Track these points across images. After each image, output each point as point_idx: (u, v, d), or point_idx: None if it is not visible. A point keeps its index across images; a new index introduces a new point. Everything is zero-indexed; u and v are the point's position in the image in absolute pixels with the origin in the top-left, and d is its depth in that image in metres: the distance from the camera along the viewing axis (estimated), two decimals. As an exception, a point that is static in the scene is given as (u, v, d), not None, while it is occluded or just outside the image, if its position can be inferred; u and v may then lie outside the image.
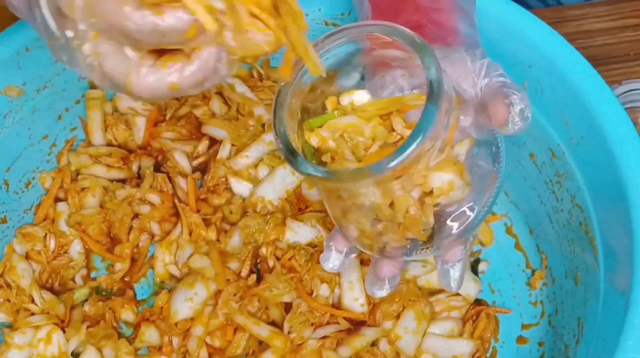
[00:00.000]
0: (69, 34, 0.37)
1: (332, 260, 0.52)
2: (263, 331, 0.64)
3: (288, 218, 0.68)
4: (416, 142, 0.39)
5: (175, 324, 0.66)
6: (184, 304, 0.65)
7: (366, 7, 0.56)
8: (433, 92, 0.40)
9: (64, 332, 0.66)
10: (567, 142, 0.61)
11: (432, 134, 0.40)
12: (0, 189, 0.70)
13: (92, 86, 0.74)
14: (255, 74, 0.78)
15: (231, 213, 0.71)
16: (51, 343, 0.64)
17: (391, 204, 0.44)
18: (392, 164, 0.39)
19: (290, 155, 0.43)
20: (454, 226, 0.46)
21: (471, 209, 0.46)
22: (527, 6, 0.66)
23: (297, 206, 0.71)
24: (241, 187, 0.72)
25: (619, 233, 0.55)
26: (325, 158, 0.44)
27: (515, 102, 0.44)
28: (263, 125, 0.75)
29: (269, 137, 0.73)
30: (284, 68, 0.42)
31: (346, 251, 0.51)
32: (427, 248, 0.47)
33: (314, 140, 0.45)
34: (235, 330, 0.65)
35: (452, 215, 0.46)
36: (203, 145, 0.75)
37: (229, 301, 0.65)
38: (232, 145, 0.74)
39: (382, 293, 0.52)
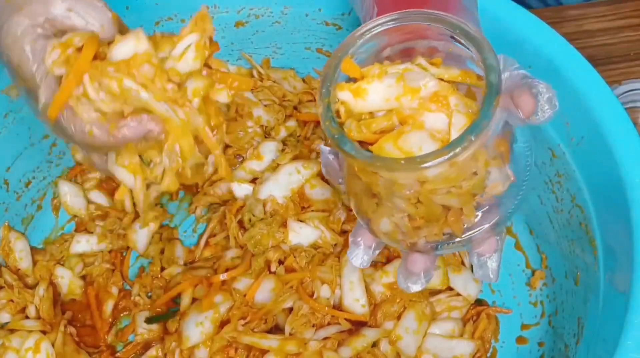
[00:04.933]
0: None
1: (361, 256, 0.51)
2: (273, 343, 0.63)
3: (289, 218, 0.68)
4: (479, 132, 0.38)
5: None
6: (195, 330, 0.64)
7: (368, 5, 0.56)
8: (495, 84, 0.40)
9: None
10: (567, 142, 0.61)
11: (489, 127, 0.39)
12: (0, 189, 0.70)
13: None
14: (255, 74, 0.78)
15: (250, 220, 0.70)
16: (39, 352, 0.64)
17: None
18: (455, 153, 0.38)
19: (341, 139, 0.41)
20: (487, 219, 0.46)
21: (504, 202, 0.46)
22: (527, 6, 0.66)
23: (300, 205, 0.71)
24: (243, 190, 0.71)
25: (619, 233, 0.55)
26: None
27: (543, 91, 0.45)
28: (262, 126, 0.75)
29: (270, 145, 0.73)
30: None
31: (374, 246, 0.51)
32: (459, 241, 0.47)
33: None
34: (236, 348, 0.65)
35: (486, 208, 0.46)
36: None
37: (236, 326, 0.64)
38: (228, 146, 0.74)
39: (417, 287, 0.51)
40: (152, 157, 0.44)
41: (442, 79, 0.42)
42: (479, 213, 0.45)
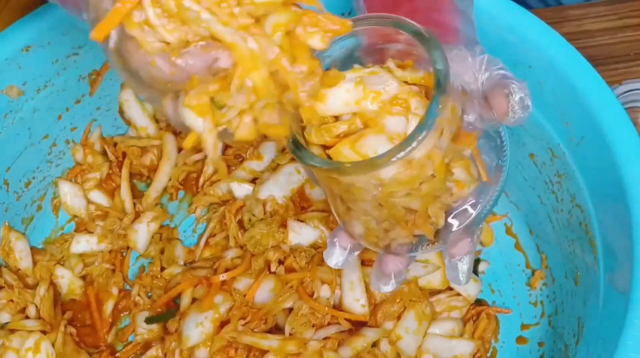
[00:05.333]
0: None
1: (336, 256, 0.51)
2: (273, 343, 0.63)
3: (289, 219, 0.68)
4: (422, 133, 0.38)
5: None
6: (195, 330, 0.64)
7: (362, 7, 0.56)
8: (440, 84, 0.39)
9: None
10: (567, 142, 0.61)
11: (438, 126, 0.39)
12: (0, 189, 0.70)
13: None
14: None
15: (250, 221, 0.70)
16: (39, 352, 0.64)
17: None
18: (398, 156, 0.38)
19: (294, 144, 0.41)
20: (459, 221, 0.46)
21: (477, 204, 0.46)
22: (527, 6, 0.66)
23: (299, 205, 0.71)
24: (243, 190, 0.72)
25: (619, 233, 0.55)
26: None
27: (515, 91, 0.45)
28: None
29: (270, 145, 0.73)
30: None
31: (350, 247, 0.51)
32: (433, 243, 0.47)
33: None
34: (236, 348, 0.65)
35: (458, 210, 0.46)
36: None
37: (236, 326, 0.64)
38: (229, 147, 0.74)
39: (388, 288, 0.52)
40: (225, 101, 0.38)
41: (406, 82, 0.42)
42: (453, 214, 0.45)
